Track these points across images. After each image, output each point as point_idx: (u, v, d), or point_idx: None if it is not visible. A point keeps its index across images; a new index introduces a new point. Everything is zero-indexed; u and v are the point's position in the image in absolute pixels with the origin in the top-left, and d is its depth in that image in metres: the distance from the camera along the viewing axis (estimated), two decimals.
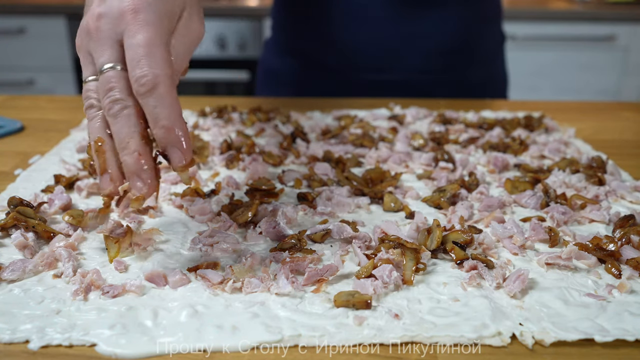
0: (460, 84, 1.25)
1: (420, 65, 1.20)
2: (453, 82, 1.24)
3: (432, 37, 1.17)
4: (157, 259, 0.57)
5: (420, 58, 1.19)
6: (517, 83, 2.54)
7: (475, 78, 1.27)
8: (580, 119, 1.10)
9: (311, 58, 1.24)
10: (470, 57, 1.23)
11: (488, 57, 1.28)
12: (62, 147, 0.89)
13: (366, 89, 1.23)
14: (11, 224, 0.60)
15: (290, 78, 1.29)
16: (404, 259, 0.54)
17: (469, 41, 1.21)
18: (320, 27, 1.20)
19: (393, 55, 1.19)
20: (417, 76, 1.21)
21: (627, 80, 2.57)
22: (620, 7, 2.51)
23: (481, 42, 1.25)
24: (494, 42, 1.30)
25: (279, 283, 0.51)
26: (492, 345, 0.45)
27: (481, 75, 1.28)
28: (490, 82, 1.31)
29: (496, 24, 1.29)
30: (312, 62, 1.24)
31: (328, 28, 1.19)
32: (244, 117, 1.05)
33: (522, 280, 0.52)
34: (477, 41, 1.23)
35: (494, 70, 1.32)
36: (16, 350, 0.44)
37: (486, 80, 1.30)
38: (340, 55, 1.21)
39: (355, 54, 1.20)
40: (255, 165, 0.79)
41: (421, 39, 1.17)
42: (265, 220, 0.62)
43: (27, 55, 2.44)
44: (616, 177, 0.79)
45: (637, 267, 0.55)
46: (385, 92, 1.22)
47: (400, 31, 1.16)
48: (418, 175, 0.80)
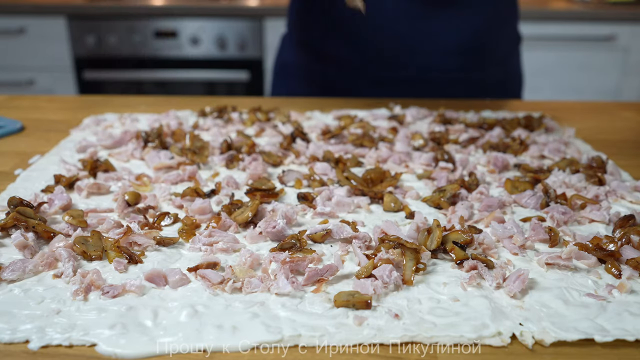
0: (477, 84, 1.25)
1: (436, 64, 1.20)
2: (469, 81, 1.24)
3: (450, 35, 1.17)
4: (157, 259, 0.57)
5: (437, 56, 1.19)
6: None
7: (491, 78, 1.27)
8: (580, 119, 1.10)
9: (328, 53, 1.25)
10: (487, 56, 1.23)
11: (504, 57, 1.28)
12: (62, 147, 0.89)
13: (382, 85, 1.23)
14: (11, 224, 0.60)
15: (306, 73, 1.29)
16: (404, 259, 0.54)
17: (486, 41, 1.21)
18: (339, 23, 1.20)
19: (410, 53, 1.18)
20: (434, 74, 1.21)
21: (627, 80, 2.56)
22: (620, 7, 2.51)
23: (498, 42, 1.25)
24: (510, 42, 1.30)
25: (279, 283, 0.51)
26: (492, 345, 0.45)
27: (497, 75, 1.28)
28: (506, 82, 1.31)
29: (512, 24, 1.29)
30: (328, 57, 1.25)
31: (347, 24, 1.19)
32: (244, 117, 1.05)
33: (522, 280, 0.52)
34: (494, 41, 1.23)
35: (510, 70, 1.32)
36: (16, 350, 0.44)
37: (502, 80, 1.30)
38: (357, 51, 1.21)
39: (372, 50, 1.20)
40: (255, 165, 0.79)
41: (438, 38, 1.17)
42: (265, 220, 0.62)
43: (27, 55, 2.43)
44: (616, 177, 0.79)
45: (637, 267, 0.55)
46: (400, 89, 1.23)
47: (418, 29, 1.16)
48: (418, 175, 0.80)
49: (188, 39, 2.41)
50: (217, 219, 0.63)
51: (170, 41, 2.42)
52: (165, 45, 2.43)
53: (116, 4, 2.39)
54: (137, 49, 2.43)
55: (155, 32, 2.40)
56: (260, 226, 0.61)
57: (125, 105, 1.15)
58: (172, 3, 2.42)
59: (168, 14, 2.38)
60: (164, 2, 2.46)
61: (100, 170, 0.77)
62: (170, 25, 2.40)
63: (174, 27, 2.40)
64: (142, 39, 2.41)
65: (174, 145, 0.87)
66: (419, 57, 1.19)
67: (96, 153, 0.86)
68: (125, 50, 2.43)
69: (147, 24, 2.39)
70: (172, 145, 0.86)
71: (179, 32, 2.41)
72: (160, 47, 2.43)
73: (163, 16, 2.39)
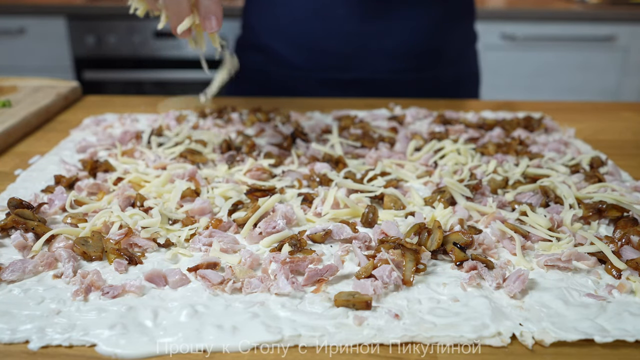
0: (429, 84, 1.24)
1: (387, 64, 1.19)
2: (421, 82, 1.23)
3: (398, 36, 1.16)
4: (157, 259, 0.57)
5: (386, 57, 1.18)
6: (517, 83, 2.55)
7: (444, 77, 1.26)
8: (580, 119, 1.10)
9: (277, 55, 1.23)
10: (439, 56, 1.22)
11: (457, 56, 1.28)
12: (62, 147, 0.89)
13: (332, 87, 1.22)
14: (10, 226, 0.60)
15: (255, 75, 1.28)
16: (404, 259, 0.54)
17: (437, 40, 1.20)
18: (285, 24, 1.19)
19: (359, 54, 1.18)
20: (385, 75, 1.20)
21: (627, 80, 2.56)
22: (620, 7, 2.50)
23: (450, 42, 1.23)
24: (464, 41, 1.29)
25: (279, 283, 0.51)
26: (492, 345, 0.45)
27: (451, 74, 1.27)
28: (460, 81, 1.30)
29: (466, 23, 1.28)
30: (277, 59, 1.24)
31: (293, 25, 1.19)
32: (244, 117, 1.05)
33: (522, 280, 0.52)
34: (445, 40, 1.22)
35: (466, 70, 1.31)
36: (16, 351, 0.44)
37: (456, 80, 1.29)
38: (305, 54, 1.20)
39: (320, 52, 1.19)
40: (254, 165, 0.79)
41: (387, 38, 1.16)
42: (265, 220, 0.62)
43: (27, 55, 2.43)
44: (616, 177, 0.79)
45: (637, 268, 0.55)
46: (351, 91, 1.22)
47: (366, 30, 1.15)
48: (418, 175, 0.80)
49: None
50: (217, 220, 0.63)
51: (170, 41, 2.42)
52: (165, 46, 2.43)
53: (116, 4, 2.39)
54: (136, 49, 2.43)
55: (155, 32, 2.40)
56: (260, 226, 0.61)
57: (125, 105, 1.15)
58: None
59: None
60: None
61: (100, 170, 0.77)
62: None
63: None
64: (141, 39, 2.41)
65: (174, 145, 0.87)
66: (368, 59, 1.18)
67: (96, 153, 0.86)
68: (125, 50, 2.43)
69: (147, 24, 2.39)
70: (172, 145, 0.86)
71: None
72: (160, 47, 2.43)
73: None
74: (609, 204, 0.66)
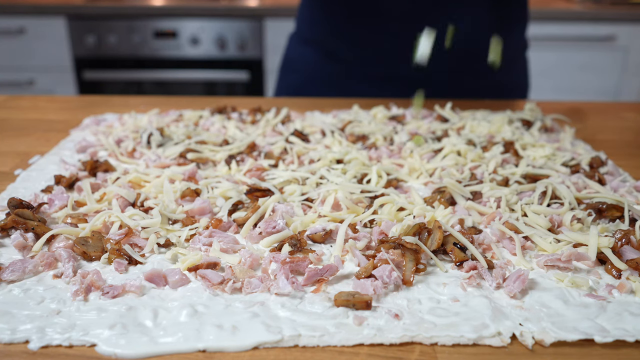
0: (475, 87, 1.24)
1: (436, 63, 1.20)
2: (468, 84, 1.24)
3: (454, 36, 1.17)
4: (157, 259, 0.57)
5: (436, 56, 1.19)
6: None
7: (492, 82, 1.25)
8: (580, 119, 1.10)
9: (330, 49, 1.25)
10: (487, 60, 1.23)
11: (506, 63, 1.28)
12: (62, 147, 0.89)
13: (381, 82, 1.23)
14: (10, 226, 0.60)
15: (308, 67, 1.30)
16: (404, 259, 0.54)
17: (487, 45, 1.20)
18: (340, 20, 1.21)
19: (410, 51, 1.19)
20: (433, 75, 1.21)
21: (627, 80, 2.56)
22: (620, 7, 2.50)
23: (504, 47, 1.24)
24: (515, 48, 1.28)
25: (279, 283, 0.51)
26: (492, 345, 0.45)
27: (498, 80, 1.26)
28: (507, 88, 1.30)
29: (518, 30, 1.27)
30: (330, 53, 1.25)
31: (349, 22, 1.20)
32: (244, 117, 1.05)
33: (522, 280, 0.52)
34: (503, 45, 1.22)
35: (513, 78, 1.30)
36: (16, 351, 0.44)
37: (503, 86, 1.28)
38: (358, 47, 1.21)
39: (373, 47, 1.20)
40: (255, 165, 0.79)
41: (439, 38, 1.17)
42: (265, 220, 0.62)
43: (27, 55, 2.43)
44: (616, 177, 0.79)
45: (637, 268, 0.55)
46: (398, 87, 1.22)
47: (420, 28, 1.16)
48: (418, 174, 0.79)
49: (188, 39, 2.41)
50: (217, 220, 0.63)
51: (170, 41, 2.42)
52: (165, 46, 2.43)
53: (116, 4, 2.39)
54: (136, 49, 2.43)
55: (155, 32, 2.40)
56: (260, 226, 0.61)
57: (125, 105, 1.15)
58: (172, 3, 2.42)
59: (168, 14, 2.38)
60: (163, 2, 2.46)
61: (100, 170, 0.77)
62: (170, 26, 2.40)
63: (174, 27, 2.40)
64: (141, 39, 2.41)
65: (173, 145, 0.87)
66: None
67: (96, 153, 0.86)
68: (125, 50, 2.43)
69: (147, 24, 2.39)
70: (172, 145, 0.86)
71: (179, 32, 2.41)
72: (160, 47, 2.43)
73: (163, 16, 2.39)
74: (609, 204, 0.66)
